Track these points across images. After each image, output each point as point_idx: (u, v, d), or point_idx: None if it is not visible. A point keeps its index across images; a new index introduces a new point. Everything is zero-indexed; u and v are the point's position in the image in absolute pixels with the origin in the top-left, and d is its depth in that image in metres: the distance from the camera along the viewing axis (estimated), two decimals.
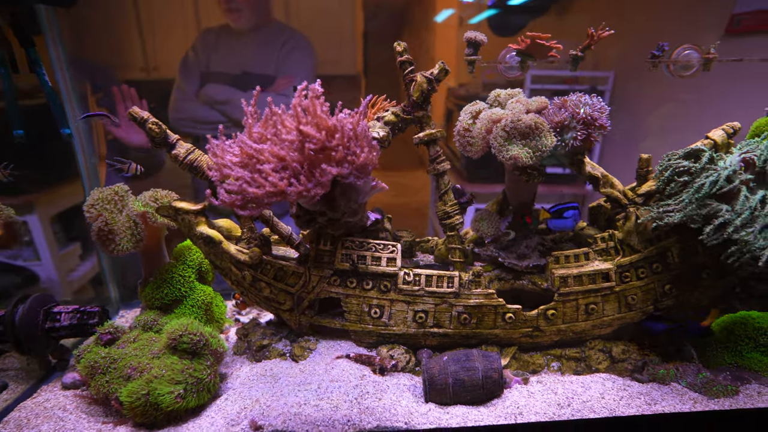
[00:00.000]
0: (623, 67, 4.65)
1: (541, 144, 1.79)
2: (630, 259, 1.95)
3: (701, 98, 3.34)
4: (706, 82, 3.25)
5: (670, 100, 4.23)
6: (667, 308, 2.00)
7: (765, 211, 1.69)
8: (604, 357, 2.03)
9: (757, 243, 1.69)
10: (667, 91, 4.14)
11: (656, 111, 4.24)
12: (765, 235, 1.70)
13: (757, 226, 1.68)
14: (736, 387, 1.90)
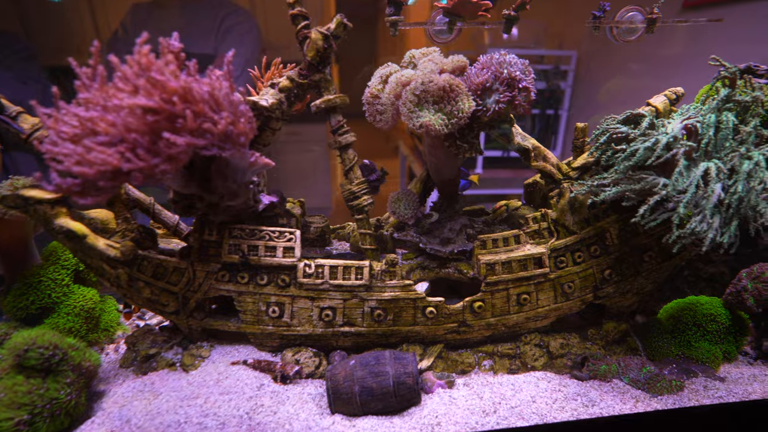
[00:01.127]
0: (586, 46, 4.44)
1: (457, 109, 1.51)
2: (565, 242, 1.70)
3: (667, 78, 3.14)
4: (670, 61, 3.01)
5: (633, 79, 4.04)
6: (607, 296, 1.77)
7: (708, 192, 1.45)
8: (540, 353, 1.79)
9: (701, 226, 1.46)
10: (631, 73, 3.94)
11: (619, 90, 4.04)
12: (712, 219, 1.47)
13: (707, 212, 1.45)
14: (681, 382, 1.68)
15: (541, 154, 1.72)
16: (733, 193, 1.44)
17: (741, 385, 1.70)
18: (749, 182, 1.46)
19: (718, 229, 1.46)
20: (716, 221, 1.46)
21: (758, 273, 1.78)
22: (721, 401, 1.60)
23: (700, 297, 1.96)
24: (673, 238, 1.47)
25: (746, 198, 1.45)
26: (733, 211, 1.47)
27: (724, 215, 1.47)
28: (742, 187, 1.44)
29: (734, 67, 1.65)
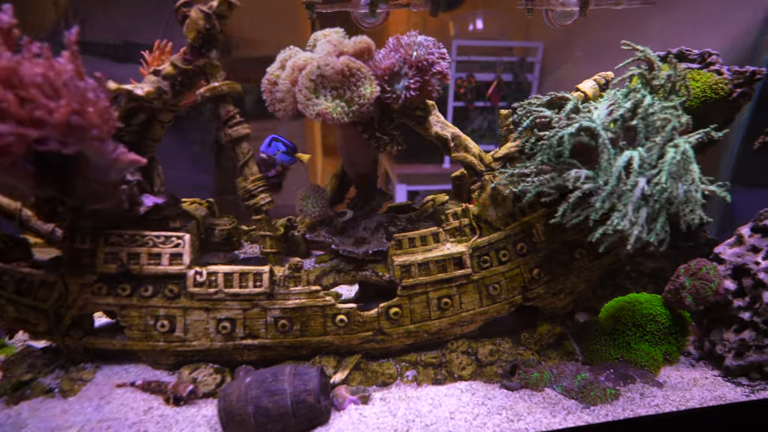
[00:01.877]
0: (552, 38, 4.32)
1: (358, 95, 1.34)
2: (489, 240, 1.55)
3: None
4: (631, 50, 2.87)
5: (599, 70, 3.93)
6: (538, 297, 1.63)
7: (630, 185, 1.31)
8: (468, 360, 1.63)
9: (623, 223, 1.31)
10: (596, 62, 3.82)
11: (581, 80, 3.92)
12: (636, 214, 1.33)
13: (630, 207, 1.31)
14: (616, 390, 1.54)
15: (462, 143, 1.57)
16: (657, 185, 1.31)
17: (679, 390, 1.56)
18: (675, 173, 1.32)
19: (644, 226, 1.32)
20: (642, 217, 1.32)
21: (695, 269, 1.65)
22: (656, 411, 1.45)
23: (640, 295, 1.83)
24: (596, 237, 1.33)
25: (672, 191, 1.32)
26: (660, 206, 1.33)
27: (650, 210, 1.33)
28: (667, 179, 1.30)
29: (647, 50, 1.51)
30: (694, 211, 1.35)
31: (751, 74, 1.61)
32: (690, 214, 1.34)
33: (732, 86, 1.63)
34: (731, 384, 1.62)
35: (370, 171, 1.62)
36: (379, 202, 1.63)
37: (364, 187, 1.63)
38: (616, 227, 1.31)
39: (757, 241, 1.61)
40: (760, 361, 1.58)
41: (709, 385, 1.61)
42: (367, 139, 1.56)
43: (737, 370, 1.62)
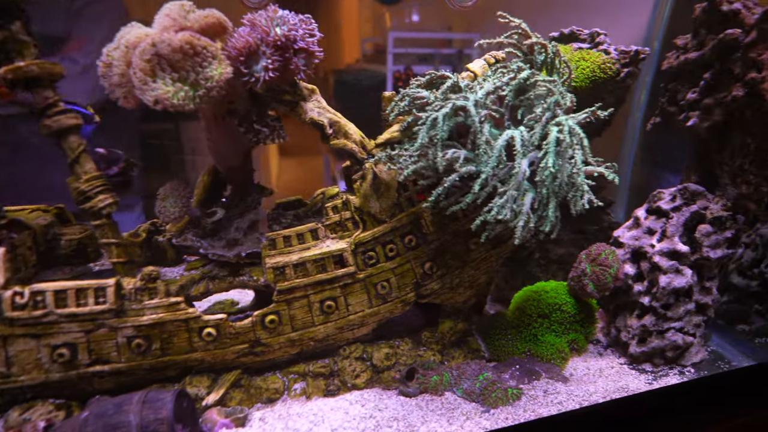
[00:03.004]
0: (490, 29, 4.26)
1: (204, 77, 1.15)
2: (373, 234, 1.39)
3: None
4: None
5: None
6: (433, 293, 1.49)
7: (513, 169, 1.19)
8: (363, 367, 1.47)
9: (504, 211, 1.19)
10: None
11: None
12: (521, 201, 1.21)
13: (511, 193, 1.19)
14: (519, 389, 1.41)
15: (342, 129, 1.40)
16: (545, 168, 1.19)
17: (584, 384, 1.45)
18: (561, 154, 1.21)
19: (529, 213, 1.20)
20: (526, 203, 1.20)
21: (595, 255, 1.56)
22: (559, 409, 1.34)
23: (547, 283, 1.73)
24: (476, 226, 1.20)
25: (559, 173, 1.21)
26: (548, 190, 1.22)
27: (539, 196, 1.22)
28: (553, 161, 1.19)
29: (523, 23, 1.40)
30: (582, 195, 1.25)
31: (636, 53, 1.55)
32: (576, 198, 1.23)
33: (619, 66, 1.56)
34: (636, 372, 1.52)
35: (242, 164, 1.43)
36: (257, 198, 1.44)
37: (237, 183, 1.44)
38: (497, 216, 1.18)
39: (652, 223, 1.54)
40: (662, 346, 1.49)
41: (614, 375, 1.51)
42: (245, 132, 1.38)
43: (641, 356, 1.53)
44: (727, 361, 1.58)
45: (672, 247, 1.46)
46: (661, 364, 1.53)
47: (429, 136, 1.21)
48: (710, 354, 1.61)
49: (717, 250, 1.44)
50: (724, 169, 1.40)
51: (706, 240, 1.43)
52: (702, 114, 1.40)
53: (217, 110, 1.32)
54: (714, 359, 1.59)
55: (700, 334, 1.55)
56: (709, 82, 1.37)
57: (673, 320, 1.50)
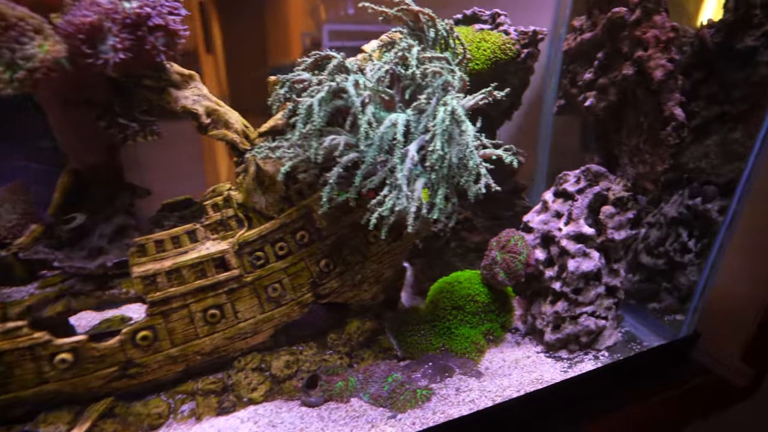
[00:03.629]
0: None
1: (24, 56, 0.97)
2: (259, 232, 1.24)
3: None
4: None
5: None
6: (334, 292, 1.37)
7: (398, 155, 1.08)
8: (261, 378, 1.32)
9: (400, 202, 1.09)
10: None
11: None
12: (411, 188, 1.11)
13: (400, 181, 1.08)
14: (429, 390, 1.31)
15: (222, 119, 1.25)
16: (433, 152, 1.09)
17: (498, 378, 1.37)
18: (449, 136, 1.12)
19: (420, 200, 1.10)
20: (417, 190, 1.10)
21: (505, 241, 1.49)
22: (470, 408, 1.25)
23: (461, 273, 1.65)
24: (366, 220, 1.09)
25: (449, 157, 1.11)
26: (438, 176, 1.12)
27: (429, 182, 1.12)
28: (441, 143, 1.09)
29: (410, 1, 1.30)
30: (477, 179, 1.16)
31: (533, 34, 1.49)
32: (470, 183, 1.14)
33: (519, 47, 1.50)
34: (552, 360, 1.46)
35: (106, 162, 1.25)
36: (127, 200, 1.27)
37: (102, 182, 1.25)
38: (393, 207, 1.07)
39: (559, 206, 1.48)
40: (576, 332, 1.44)
41: (530, 366, 1.44)
42: (107, 128, 1.19)
43: (556, 343, 1.47)
44: (639, 341, 1.56)
45: (578, 230, 1.41)
46: (577, 350, 1.49)
47: (304, 123, 1.08)
48: (624, 335, 1.59)
49: (621, 231, 1.40)
50: (622, 149, 1.37)
51: (610, 221, 1.39)
52: (598, 94, 1.35)
53: (64, 99, 1.13)
54: (627, 341, 1.57)
55: (612, 317, 1.51)
56: (602, 61, 1.33)
57: (584, 305, 1.45)
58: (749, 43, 1.39)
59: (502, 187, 1.80)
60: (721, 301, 1.56)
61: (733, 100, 1.49)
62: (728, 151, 1.58)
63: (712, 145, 1.59)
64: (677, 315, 1.72)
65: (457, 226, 1.73)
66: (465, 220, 1.72)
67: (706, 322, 1.56)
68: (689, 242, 1.72)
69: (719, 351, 1.58)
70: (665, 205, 1.77)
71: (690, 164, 1.65)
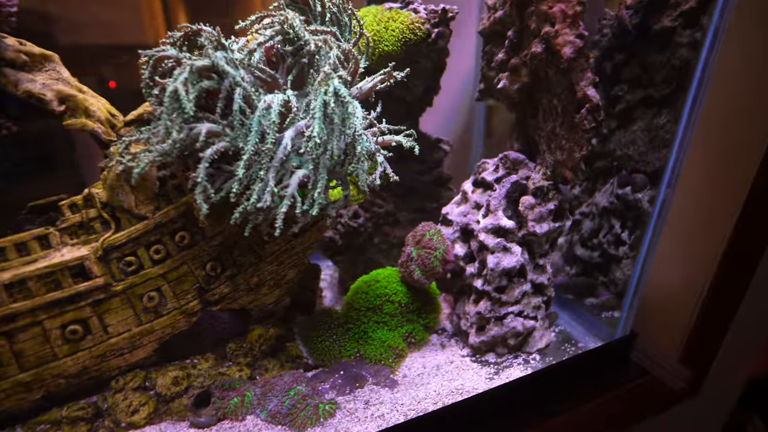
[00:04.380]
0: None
1: None
2: (129, 234, 1.07)
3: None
4: None
5: None
6: (226, 298, 1.22)
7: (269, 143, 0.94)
8: (144, 398, 1.16)
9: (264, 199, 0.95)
10: None
11: None
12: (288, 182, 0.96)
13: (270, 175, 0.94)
14: (333, 404, 1.17)
15: (80, 106, 1.08)
16: (310, 138, 0.96)
17: (415, 388, 1.23)
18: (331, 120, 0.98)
19: (294, 196, 0.96)
20: (292, 184, 0.96)
21: (420, 236, 1.37)
22: (378, 426, 1.11)
23: (381, 271, 1.51)
24: (235, 219, 0.95)
25: (331, 143, 0.98)
26: (316, 164, 0.98)
27: (308, 173, 0.98)
28: (320, 129, 0.95)
29: None
30: (366, 167, 1.03)
31: (443, 12, 1.37)
32: (359, 171, 1.01)
33: (429, 26, 1.38)
34: (477, 365, 1.33)
35: None
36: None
37: None
38: (257, 205, 0.93)
39: (479, 197, 1.37)
40: (502, 334, 1.31)
41: (452, 372, 1.31)
42: None
43: (482, 346, 1.35)
44: (574, 342, 1.44)
45: (497, 223, 1.29)
46: (505, 354, 1.36)
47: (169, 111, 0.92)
48: (558, 335, 1.48)
49: (542, 224, 1.29)
50: (540, 134, 1.26)
51: (531, 213, 1.28)
52: (510, 75, 1.23)
53: None
54: (561, 341, 1.45)
55: (541, 317, 1.39)
56: (512, 40, 1.21)
57: (509, 304, 1.33)
58: (666, 23, 1.31)
59: (425, 177, 1.68)
60: (657, 298, 1.44)
61: (655, 84, 1.40)
62: (655, 137, 1.50)
63: (638, 131, 1.51)
64: (615, 312, 1.61)
65: (379, 220, 1.60)
66: (387, 213, 1.60)
67: (643, 321, 1.45)
68: (622, 234, 1.63)
69: (657, 352, 1.45)
70: (598, 195, 1.69)
71: (617, 151, 1.56)
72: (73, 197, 1.06)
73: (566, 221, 1.32)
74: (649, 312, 1.45)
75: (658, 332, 1.46)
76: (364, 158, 0.97)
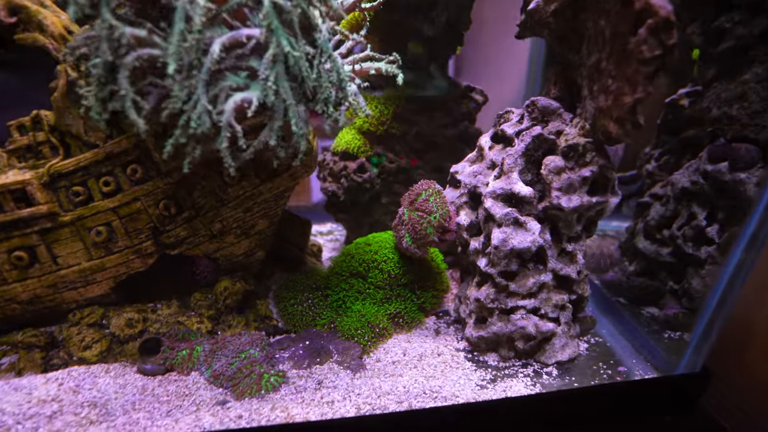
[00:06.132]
0: None
1: None
2: (78, 162, 0.97)
3: None
4: None
5: None
6: (184, 243, 1.09)
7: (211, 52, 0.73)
8: (98, 336, 1.09)
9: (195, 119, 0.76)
10: None
11: None
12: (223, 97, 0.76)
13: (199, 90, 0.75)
14: (281, 376, 1.00)
15: (33, 19, 0.97)
16: (277, 45, 0.74)
17: (383, 377, 1.01)
18: (289, 30, 0.76)
19: (231, 123, 0.76)
20: (228, 107, 0.76)
21: (415, 195, 1.11)
22: (322, 414, 0.89)
23: (379, 234, 1.29)
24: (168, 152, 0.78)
25: (292, 60, 0.76)
26: (275, 84, 0.77)
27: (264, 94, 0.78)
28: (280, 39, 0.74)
29: None
30: (341, 98, 0.81)
31: None
32: (327, 99, 0.79)
33: None
34: (471, 365, 1.06)
35: None
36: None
37: None
38: (189, 129, 0.76)
39: (496, 155, 1.06)
40: (507, 332, 1.02)
41: (436, 367, 1.05)
42: None
43: (481, 343, 1.08)
44: (614, 361, 1.07)
45: (508, 188, 0.98)
46: (511, 358, 1.07)
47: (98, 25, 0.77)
48: (591, 349, 1.12)
49: (571, 196, 0.95)
50: (583, 74, 0.90)
51: (557, 179, 0.95)
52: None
53: None
54: (595, 358, 1.08)
55: (566, 320, 1.06)
56: None
57: (519, 296, 1.02)
58: None
59: (449, 131, 1.37)
60: (752, 328, 1.02)
61: None
62: None
63: (752, 82, 1.06)
64: (683, 333, 1.18)
65: (389, 177, 1.36)
66: (399, 170, 1.35)
67: (725, 357, 1.01)
68: (708, 228, 1.19)
69: (743, 406, 1.02)
70: (677, 172, 1.26)
71: (713, 110, 1.12)
72: (21, 118, 0.99)
73: (611, 197, 0.96)
74: (735, 346, 1.02)
75: (747, 378, 1.02)
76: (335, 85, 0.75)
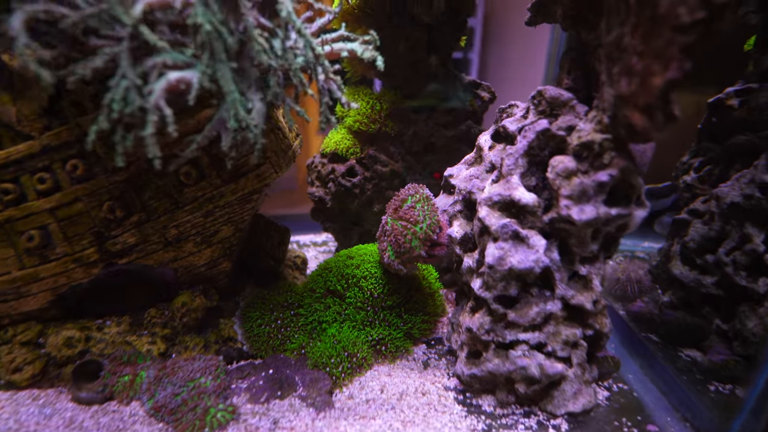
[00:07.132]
0: None
1: None
2: (8, 155, 0.85)
3: None
4: None
5: None
6: (133, 251, 0.95)
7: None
8: (31, 357, 0.95)
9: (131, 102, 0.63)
10: None
11: None
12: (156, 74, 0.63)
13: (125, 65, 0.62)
14: (230, 413, 0.83)
15: None
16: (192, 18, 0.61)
17: (350, 419, 0.84)
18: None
19: (159, 105, 0.63)
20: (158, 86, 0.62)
21: (400, 201, 0.94)
22: None
23: (362, 246, 1.12)
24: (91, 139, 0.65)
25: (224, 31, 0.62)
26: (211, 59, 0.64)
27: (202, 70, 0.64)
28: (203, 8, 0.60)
29: None
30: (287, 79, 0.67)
31: None
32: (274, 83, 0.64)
33: None
34: (462, 409, 0.87)
35: None
36: None
37: None
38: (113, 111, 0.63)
39: (495, 156, 0.88)
40: (505, 372, 0.84)
41: (418, 410, 0.87)
42: None
43: (474, 383, 0.89)
44: (644, 417, 0.86)
45: (507, 194, 0.80)
46: (511, 404, 0.88)
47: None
48: (614, 398, 0.91)
49: (585, 206, 0.76)
50: (600, 57, 0.72)
51: (566, 185, 0.76)
52: None
53: None
54: (618, 410, 0.88)
55: (579, 360, 0.85)
56: None
57: (519, 328, 0.83)
58: None
59: (449, 131, 1.20)
60: None
61: None
62: None
63: None
64: (735, 386, 0.94)
65: (382, 182, 1.20)
66: (393, 174, 1.19)
67: None
68: (767, 254, 0.97)
69: None
70: (724, 185, 1.05)
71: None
72: None
73: (635, 209, 0.76)
74: None
75: None
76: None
